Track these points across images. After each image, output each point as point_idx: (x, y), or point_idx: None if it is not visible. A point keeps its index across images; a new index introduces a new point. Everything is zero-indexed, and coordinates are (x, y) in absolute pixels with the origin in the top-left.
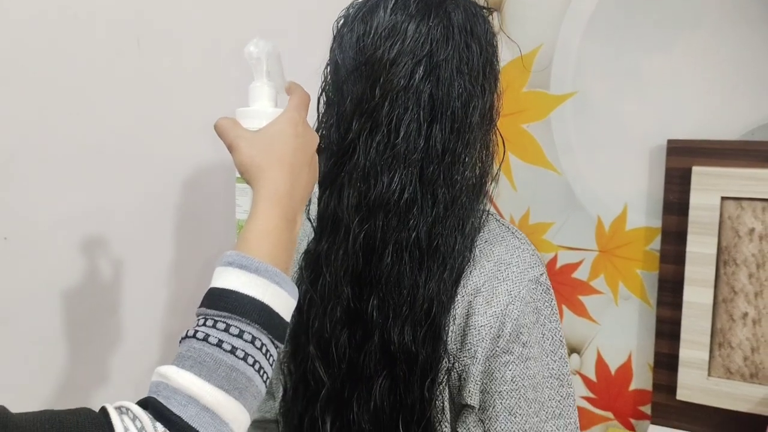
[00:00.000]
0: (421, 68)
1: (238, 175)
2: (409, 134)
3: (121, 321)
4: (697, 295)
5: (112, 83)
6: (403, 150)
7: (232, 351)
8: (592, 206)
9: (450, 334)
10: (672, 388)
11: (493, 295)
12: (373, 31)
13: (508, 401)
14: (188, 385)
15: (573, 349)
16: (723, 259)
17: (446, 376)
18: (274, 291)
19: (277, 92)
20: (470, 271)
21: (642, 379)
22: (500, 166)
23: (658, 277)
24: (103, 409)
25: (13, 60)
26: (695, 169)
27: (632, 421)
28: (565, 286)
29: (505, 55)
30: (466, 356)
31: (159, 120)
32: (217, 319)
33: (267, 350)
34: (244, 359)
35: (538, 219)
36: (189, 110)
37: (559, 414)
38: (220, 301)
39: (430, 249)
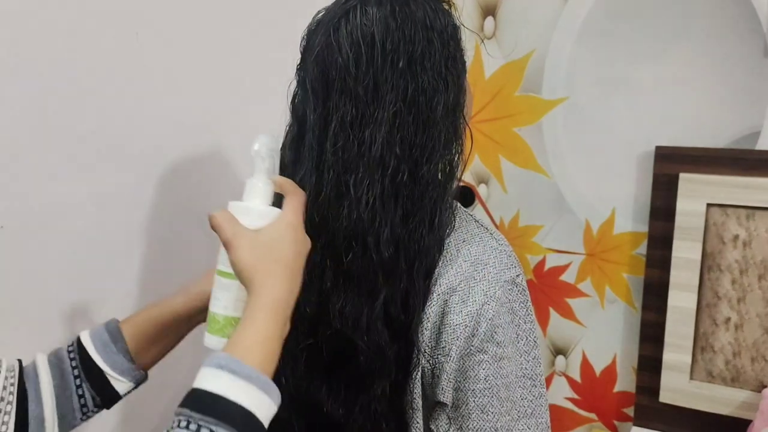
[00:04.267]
0: (387, 66)
1: (222, 269)
2: (374, 131)
3: (118, 309)
4: (681, 299)
5: (111, 75)
6: (368, 146)
7: None
8: (581, 210)
9: (424, 331)
10: (655, 390)
11: (469, 294)
12: (338, 35)
13: (480, 399)
14: None
15: (559, 351)
16: (707, 264)
17: (418, 373)
18: (261, 399)
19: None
20: (446, 270)
21: (626, 382)
22: (467, 159)
23: (644, 282)
24: None
25: (12, 52)
26: (682, 175)
27: (615, 422)
28: (553, 289)
29: (497, 60)
30: (440, 354)
31: (156, 112)
32: (201, 424)
33: None
34: None
35: (528, 222)
36: (187, 103)
37: (531, 413)
38: (206, 404)
39: (399, 245)
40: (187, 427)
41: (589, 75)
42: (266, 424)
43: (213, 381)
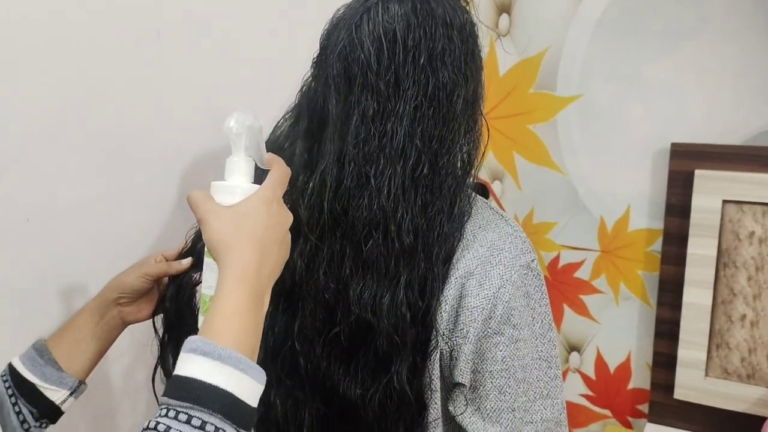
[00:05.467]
0: (408, 62)
1: (207, 250)
2: (395, 124)
3: None
4: (696, 296)
5: (132, 73)
6: (390, 139)
7: None
8: (596, 207)
9: (442, 314)
10: (669, 387)
11: (486, 278)
12: (360, 32)
13: (498, 380)
14: None
15: (573, 348)
16: (723, 261)
17: (437, 355)
18: (239, 378)
19: (255, 167)
20: (464, 255)
21: (640, 379)
22: (485, 150)
23: (659, 278)
24: None
25: (35, 48)
26: (698, 172)
27: (630, 419)
28: (567, 285)
29: (512, 56)
30: (458, 336)
31: (177, 110)
32: (179, 409)
33: None
34: None
35: (542, 218)
36: (207, 101)
37: (547, 394)
38: (182, 390)
39: (419, 233)
40: (166, 415)
41: (604, 72)
42: (253, 402)
43: (186, 365)
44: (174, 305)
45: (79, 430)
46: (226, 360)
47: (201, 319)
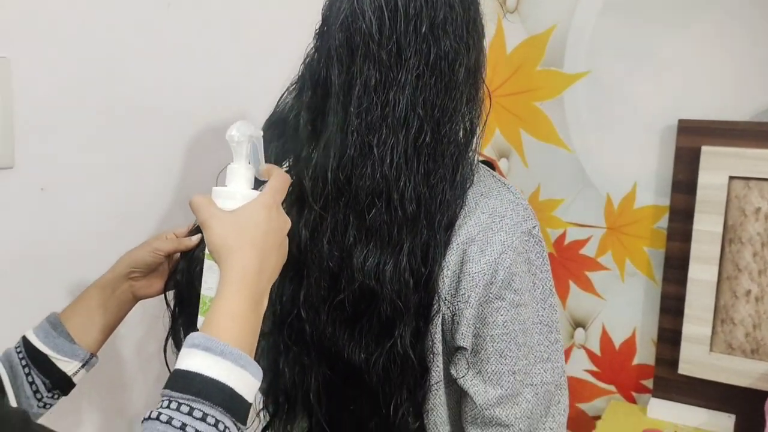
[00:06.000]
0: (410, 31)
1: (207, 251)
2: (397, 93)
3: None
4: (702, 272)
5: (144, 43)
6: (392, 108)
7: None
8: (602, 184)
9: (444, 279)
10: (674, 362)
11: (488, 244)
12: (362, 2)
13: (499, 344)
14: None
15: (578, 324)
16: (729, 237)
17: (439, 320)
18: (239, 374)
19: (255, 175)
20: (465, 222)
21: (645, 354)
22: (486, 118)
23: (665, 255)
24: None
25: (50, 25)
26: (704, 148)
27: (634, 394)
28: (573, 262)
29: (520, 34)
30: (460, 301)
31: (187, 78)
32: (181, 401)
33: None
34: None
35: (549, 195)
36: (215, 72)
37: (547, 358)
38: (184, 383)
39: (421, 201)
40: (168, 406)
41: (612, 48)
42: (250, 398)
43: (189, 360)
44: (185, 277)
45: (92, 400)
46: (227, 356)
47: (201, 319)
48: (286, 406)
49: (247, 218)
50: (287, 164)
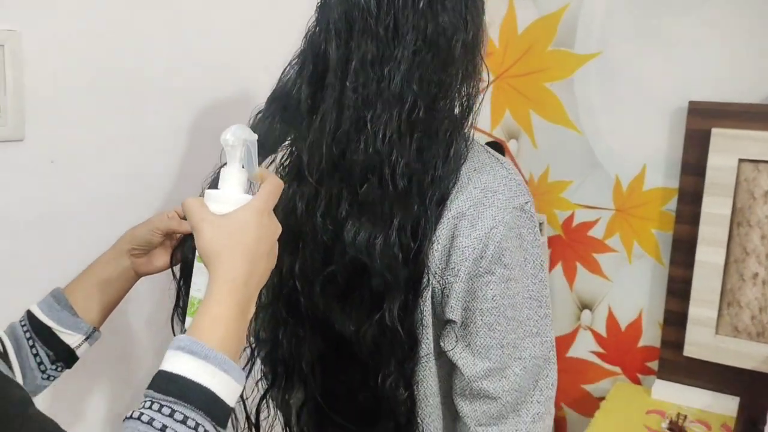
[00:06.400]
0: (408, 6)
1: (198, 254)
2: (393, 69)
3: None
4: (709, 254)
5: (154, 17)
6: (387, 83)
7: None
8: (611, 166)
9: (434, 253)
10: (680, 344)
11: (478, 219)
12: None
13: (488, 318)
14: None
15: (585, 305)
16: (737, 220)
17: (428, 293)
18: (222, 378)
19: (248, 178)
20: (457, 197)
21: (651, 336)
22: (483, 95)
23: (673, 237)
24: None
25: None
26: (714, 131)
27: (639, 376)
28: (580, 244)
29: (531, 14)
30: (449, 275)
31: (196, 55)
32: (163, 403)
33: None
34: None
35: (558, 177)
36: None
37: (536, 332)
38: (167, 385)
39: (413, 176)
40: (150, 407)
41: (623, 30)
42: (232, 403)
43: (173, 362)
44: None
45: (99, 371)
46: (212, 360)
47: (188, 320)
48: (284, 377)
49: (238, 224)
50: (289, 140)
